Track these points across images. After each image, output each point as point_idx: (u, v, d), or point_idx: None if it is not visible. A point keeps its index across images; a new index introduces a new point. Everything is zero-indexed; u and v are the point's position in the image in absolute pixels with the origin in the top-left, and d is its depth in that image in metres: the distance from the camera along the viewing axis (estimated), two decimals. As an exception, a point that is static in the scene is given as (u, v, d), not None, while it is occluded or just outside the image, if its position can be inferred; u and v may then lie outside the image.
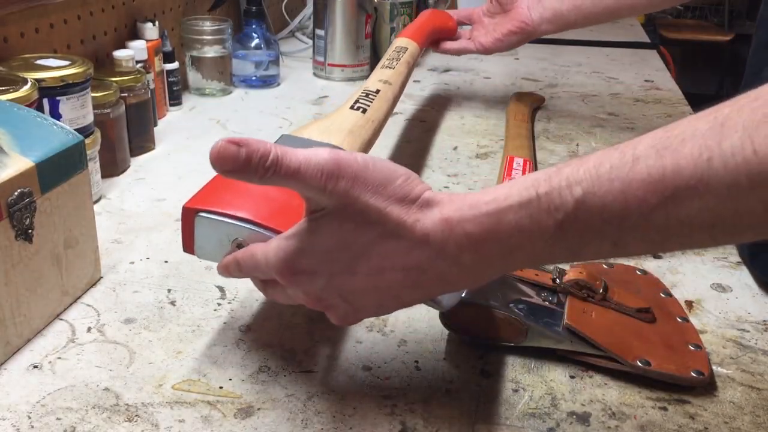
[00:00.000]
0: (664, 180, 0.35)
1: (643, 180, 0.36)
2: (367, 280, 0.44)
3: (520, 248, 0.41)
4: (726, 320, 0.64)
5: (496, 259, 0.42)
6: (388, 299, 0.46)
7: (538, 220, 0.39)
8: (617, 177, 0.37)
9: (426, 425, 0.50)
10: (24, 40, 0.87)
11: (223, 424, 0.50)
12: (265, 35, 1.29)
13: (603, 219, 0.37)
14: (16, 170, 0.54)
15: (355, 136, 0.69)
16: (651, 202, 0.35)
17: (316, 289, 0.46)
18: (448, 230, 0.41)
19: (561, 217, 0.38)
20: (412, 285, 0.44)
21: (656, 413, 0.52)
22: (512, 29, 1.04)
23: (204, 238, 0.53)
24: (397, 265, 0.43)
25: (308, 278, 0.45)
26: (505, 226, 0.40)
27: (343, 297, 0.46)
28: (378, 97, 0.78)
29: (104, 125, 0.84)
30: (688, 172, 0.34)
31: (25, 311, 0.56)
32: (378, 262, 0.44)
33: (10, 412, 0.50)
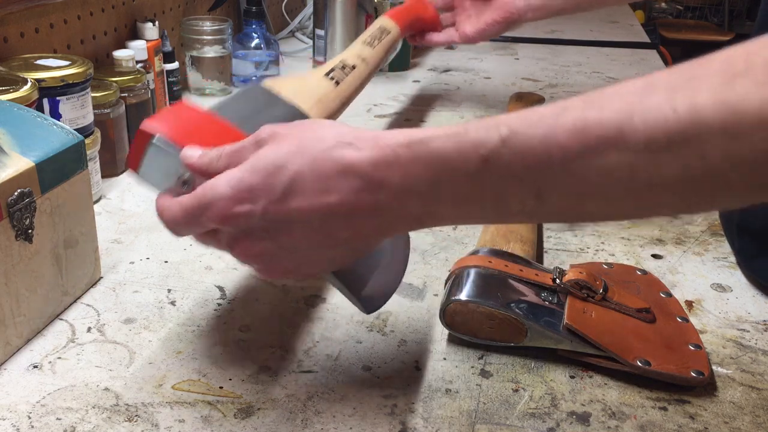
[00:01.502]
0: (585, 129, 0.36)
1: (566, 128, 0.37)
2: (299, 213, 0.43)
3: (446, 182, 0.41)
4: (726, 320, 0.64)
5: (423, 187, 0.41)
6: (316, 240, 0.45)
7: (463, 151, 0.40)
8: (543, 123, 0.38)
9: (426, 425, 0.50)
10: (24, 40, 0.87)
11: (223, 424, 0.50)
12: (265, 35, 1.29)
13: (525, 164, 0.38)
14: (16, 170, 0.54)
15: (323, 106, 0.71)
16: (572, 150, 0.36)
17: (252, 224, 0.45)
18: (378, 149, 0.42)
19: (485, 153, 0.39)
20: (344, 216, 0.43)
21: (656, 413, 0.52)
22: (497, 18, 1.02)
23: (152, 164, 0.52)
24: (331, 188, 0.43)
25: (246, 214, 0.44)
26: (431, 150, 0.41)
27: (274, 235, 0.45)
28: (353, 74, 0.79)
29: (104, 125, 0.84)
30: (609, 124, 0.35)
31: (25, 311, 0.57)
32: (311, 187, 0.43)
33: (10, 412, 0.50)
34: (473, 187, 0.40)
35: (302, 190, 0.43)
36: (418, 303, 0.65)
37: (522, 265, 0.62)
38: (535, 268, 0.62)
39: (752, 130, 0.32)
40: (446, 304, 0.58)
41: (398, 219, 0.43)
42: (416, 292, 0.67)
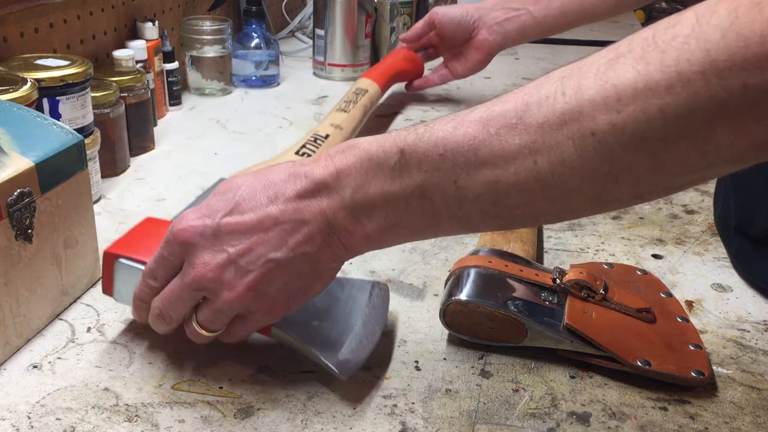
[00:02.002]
0: (490, 119, 0.41)
1: (473, 120, 0.42)
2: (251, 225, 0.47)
3: (373, 176, 0.45)
4: (726, 320, 0.64)
5: (356, 183, 0.45)
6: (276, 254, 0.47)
7: (386, 148, 0.45)
8: (455, 119, 0.43)
9: (426, 425, 0.50)
10: (24, 39, 0.87)
11: (223, 424, 0.50)
12: (265, 35, 1.29)
13: (439, 152, 0.43)
14: (15, 170, 0.54)
15: None
16: (479, 137, 0.41)
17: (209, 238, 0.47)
18: (319, 157, 0.47)
19: (402, 146, 0.44)
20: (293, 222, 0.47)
21: (656, 413, 0.52)
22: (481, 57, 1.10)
23: (122, 282, 0.56)
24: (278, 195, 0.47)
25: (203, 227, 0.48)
26: (361, 150, 0.46)
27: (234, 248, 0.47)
28: (325, 144, 0.81)
29: (104, 125, 0.84)
30: (510, 113, 0.40)
31: (24, 311, 0.56)
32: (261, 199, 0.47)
33: (9, 412, 0.50)
34: (396, 180, 0.44)
35: (253, 203, 0.47)
36: (418, 303, 0.65)
37: (522, 265, 0.62)
38: (536, 268, 0.62)
39: (629, 101, 0.36)
40: (446, 304, 0.58)
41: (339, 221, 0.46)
42: (416, 292, 0.67)
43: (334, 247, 0.47)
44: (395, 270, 0.70)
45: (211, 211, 0.48)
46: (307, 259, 0.47)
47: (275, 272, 0.47)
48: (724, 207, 0.76)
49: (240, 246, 0.47)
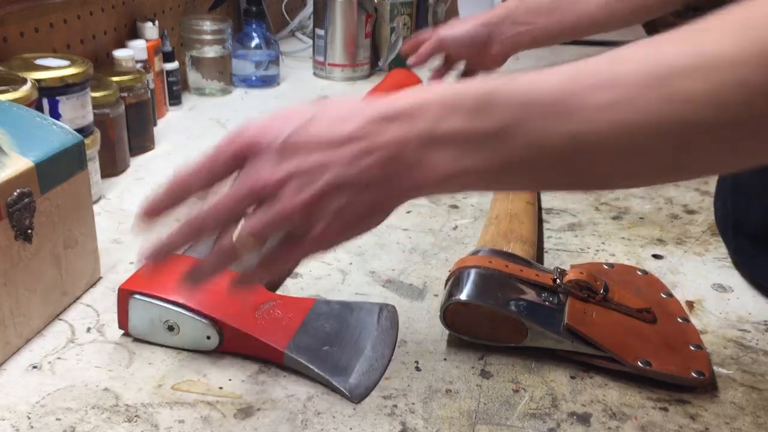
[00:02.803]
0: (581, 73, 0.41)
1: (564, 72, 0.41)
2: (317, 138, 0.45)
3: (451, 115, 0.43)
4: (727, 320, 0.64)
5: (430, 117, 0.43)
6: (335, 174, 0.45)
7: (466, 87, 0.43)
8: (542, 71, 0.42)
9: (426, 425, 0.50)
10: (24, 39, 0.87)
11: (223, 425, 0.50)
12: (265, 35, 1.29)
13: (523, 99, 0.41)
14: (15, 170, 0.54)
15: None
16: (568, 88, 0.41)
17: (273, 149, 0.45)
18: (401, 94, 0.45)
19: (485, 88, 0.42)
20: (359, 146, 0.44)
21: (657, 414, 0.52)
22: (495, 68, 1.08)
23: (137, 317, 0.57)
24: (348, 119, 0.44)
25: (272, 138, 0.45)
26: (439, 89, 0.44)
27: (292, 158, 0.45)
28: None
29: (104, 125, 0.84)
30: (603, 70, 0.41)
31: (24, 311, 0.56)
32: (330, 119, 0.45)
33: (9, 412, 0.50)
34: (475, 120, 0.42)
35: (328, 118, 0.45)
36: (418, 303, 0.65)
37: (522, 265, 0.62)
38: (536, 269, 0.62)
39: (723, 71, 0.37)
40: (446, 304, 0.58)
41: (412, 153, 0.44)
42: (416, 293, 0.67)
43: (401, 179, 0.44)
44: (395, 270, 0.70)
45: (283, 121, 0.45)
46: (372, 188, 0.44)
47: (337, 194, 0.44)
48: (723, 206, 0.76)
49: (307, 160, 0.44)
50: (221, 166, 0.47)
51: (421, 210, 0.83)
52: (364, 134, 0.44)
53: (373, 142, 0.44)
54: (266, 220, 0.45)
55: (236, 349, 0.56)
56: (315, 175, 0.44)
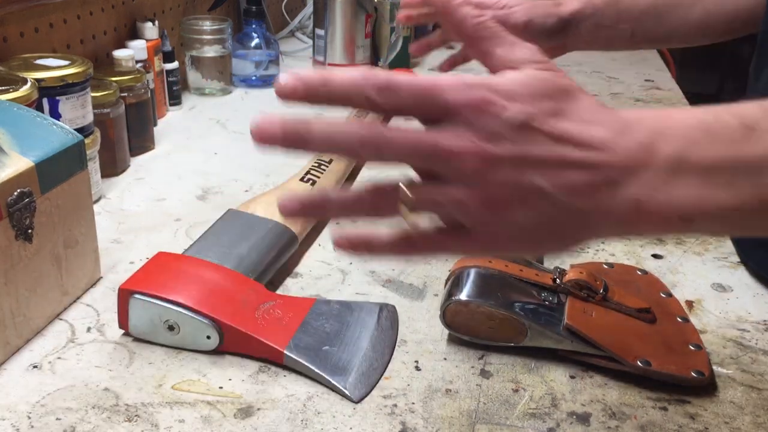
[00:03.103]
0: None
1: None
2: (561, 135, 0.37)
3: (706, 140, 0.37)
4: (726, 320, 0.64)
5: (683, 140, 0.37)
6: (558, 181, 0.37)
7: (721, 119, 0.37)
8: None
9: (426, 425, 0.50)
10: (24, 39, 0.87)
11: (223, 424, 0.50)
12: (265, 35, 1.29)
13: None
14: (15, 170, 0.54)
15: None
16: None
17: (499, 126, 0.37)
18: (645, 110, 0.39)
19: (742, 113, 0.37)
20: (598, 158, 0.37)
21: (656, 413, 0.52)
22: None
23: (137, 317, 0.57)
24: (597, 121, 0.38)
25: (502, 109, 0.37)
26: (689, 113, 0.39)
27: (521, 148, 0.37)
28: (329, 169, 0.82)
29: (104, 125, 0.84)
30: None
31: (25, 311, 0.56)
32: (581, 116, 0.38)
33: (10, 412, 0.50)
34: (740, 145, 0.36)
35: (573, 115, 0.38)
36: (418, 303, 0.65)
37: (522, 265, 0.62)
38: (535, 268, 0.62)
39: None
40: (446, 304, 0.58)
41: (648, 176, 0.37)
42: (416, 292, 0.67)
43: (611, 211, 0.37)
44: (395, 270, 0.70)
45: (533, 96, 0.37)
46: (574, 214, 0.37)
47: (534, 206, 0.37)
48: None
49: (533, 152, 0.37)
50: (419, 101, 0.38)
51: (421, 210, 0.83)
52: (604, 146, 0.37)
53: (607, 158, 0.37)
54: (438, 197, 0.38)
55: (236, 349, 0.56)
56: (531, 171, 0.37)
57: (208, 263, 0.61)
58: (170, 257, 0.62)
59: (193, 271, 0.59)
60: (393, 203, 0.39)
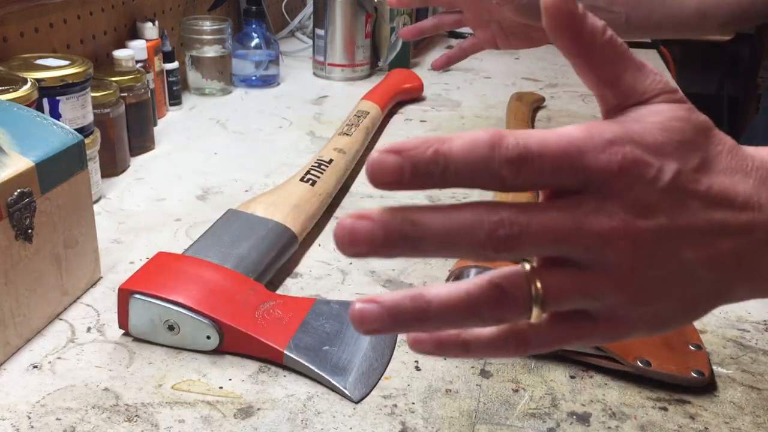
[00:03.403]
0: None
1: None
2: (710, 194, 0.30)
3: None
4: (726, 320, 0.64)
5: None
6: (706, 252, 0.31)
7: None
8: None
9: (426, 425, 0.50)
10: (24, 39, 0.87)
11: (223, 424, 0.50)
12: (265, 35, 1.29)
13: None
14: (15, 170, 0.54)
15: (300, 210, 0.73)
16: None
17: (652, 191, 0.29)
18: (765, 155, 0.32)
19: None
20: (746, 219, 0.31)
21: (656, 413, 0.52)
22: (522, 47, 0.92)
23: (137, 317, 0.57)
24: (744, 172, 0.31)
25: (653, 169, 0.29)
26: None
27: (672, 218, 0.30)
28: (329, 169, 0.83)
29: (104, 125, 0.84)
30: None
31: (24, 311, 0.56)
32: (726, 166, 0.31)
33: (9, 412, 0.50)
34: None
35: (718, 166, 0.31)
36: (418, 303, 0.65)
37: (522, 265, 0.62)
38: (536, 268, 0.62)
39: None
40: (446, 304, 0.58)
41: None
42: (416, 292, 0.67)
43: (752, 276, 0.32)
44: (395, 270, 0.70)
45: (679, 146, 0.30)
46: (716, 284, 0.31)
47: (676, 284, 0.31)
48: None
49: (682, 222, 0.30)
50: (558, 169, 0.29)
51: (421, 210, 0.83)
52: (754, 203, 0.31)
53: (760, 217, 0.31)
54: (577, 285, 0.30)
55: (236, 349, 0.56)
56: (679, 243, 0.30)
57: (208, 263, 0.61)
58: (170, 257, 0.62)
59: (193, 271, 0.59)
60: (522, 301, 0.30)
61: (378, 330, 0.30)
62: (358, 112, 1.01)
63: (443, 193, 0.84)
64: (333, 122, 1.10)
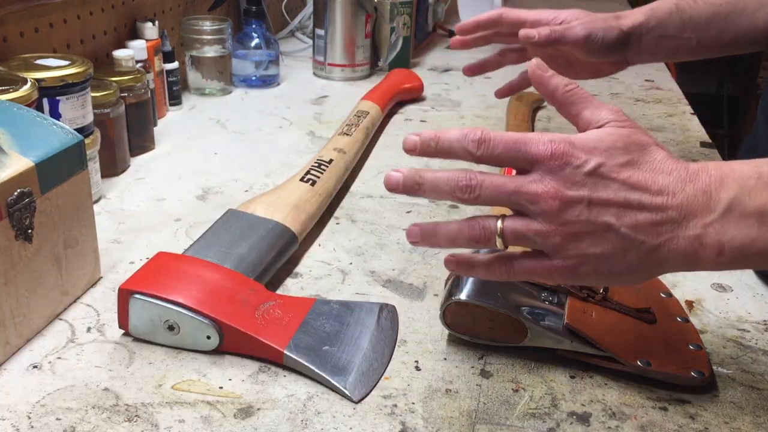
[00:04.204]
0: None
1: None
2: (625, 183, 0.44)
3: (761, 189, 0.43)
4: (726, 320, 0.64)
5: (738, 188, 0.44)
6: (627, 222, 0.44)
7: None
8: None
9: (426, 425, 0.50)
10: (24, 39, 0.87)
11: (223, 424, 0.50)
12: (265, 35, 1.29)
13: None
14: (16, 170, 0.54)
15: (299, 210, 0.73)
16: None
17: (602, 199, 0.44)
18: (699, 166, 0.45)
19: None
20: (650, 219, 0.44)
21: (656, 413, 0.52)
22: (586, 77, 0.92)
23: (137, 317, 0.57)
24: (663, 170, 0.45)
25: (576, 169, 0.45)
26: (745, 165, 0.45)
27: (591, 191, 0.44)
28: (329, 169, 0.83)
29: (104, 125, 0.84)
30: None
31: (24, 311, 0.56)
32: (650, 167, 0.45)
33: (9, 412, 0.50)
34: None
35: (654, 165, 0.45)
36: (418, 303, 0.65)
37: (522, 265, 0.62)
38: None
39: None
40: (446, 304, 0.58)
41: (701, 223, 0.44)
42: (416, 292, 0.67)
43: (675, 247, 0.44)
44: (395, 270, 0.70)
45: (608, 149, 0.45)
46: (641, 247, 0.45)
47: (605, 240, 0.45)
48: None
49: (602, 196, 0.44)
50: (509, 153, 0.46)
51: (420, 210, 0.83)
52: (668, 192, 0.44)
53: (671, 201, 0.44)
54: (524, 230, 0.46)
55: (236, 349, 0.56)
56: (597, 214, 0.44)
57: (208, 263, 0.61)
58: (170, 257, 0.62)
59: (193, 271, 0.59)
60: (490, 235, 0.47)
61: (415, 242, 0.50)
62: (358, 112, 1.01)
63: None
64: (333, 122, 1.10)
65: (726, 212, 0.43)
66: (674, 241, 0.44)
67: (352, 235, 0.77)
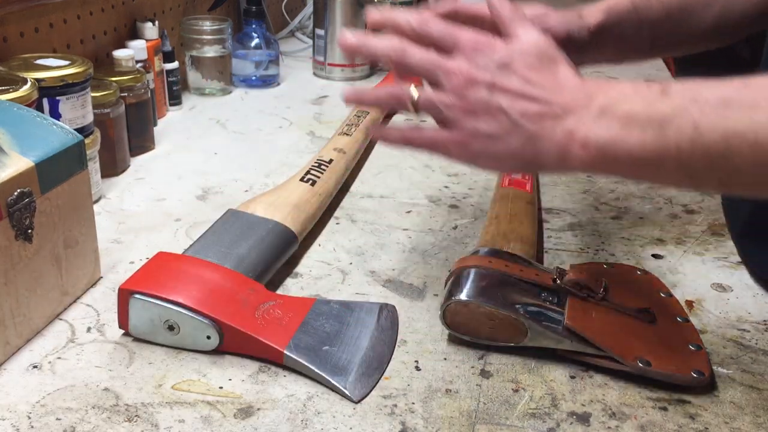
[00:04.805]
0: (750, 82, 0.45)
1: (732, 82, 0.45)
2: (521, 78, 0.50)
3: (629, 98, 0.47)
4: (726, 320, 0.64)
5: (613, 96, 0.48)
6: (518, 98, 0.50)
7: (650, 85, 0.47)
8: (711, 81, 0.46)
9: (426, 425, 0.50)
10: (24, 39, 0.87)
11: (223, 424, 0.50)
12: (265, 35, 1.29)
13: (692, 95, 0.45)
14: (16, 170, 0.54)
15: (299, 210, 0.73)
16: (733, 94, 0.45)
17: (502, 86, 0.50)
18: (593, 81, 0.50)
19: (665, 88, 0.47)
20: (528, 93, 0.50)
21: (656, 413, 0.52)
22: None
23: (137, 317, 0.57)
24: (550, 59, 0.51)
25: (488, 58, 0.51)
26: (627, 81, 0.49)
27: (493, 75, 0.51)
28: (329, 168, 0.83)
29: (104, 125, 0.84)
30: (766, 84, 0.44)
31: (24, 311, 0.56)
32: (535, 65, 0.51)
33: (9, 412, 0.50)
34: (648, 106, 0.46)
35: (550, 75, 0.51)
36: (418, 303, 0.65)
37: (522, 265, 0.62)
38: (536, 268, 0.62)
39: None
40: (446, 304, 0.58)
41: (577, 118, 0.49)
42: (416, 292, 0.67)
43: (551, 138, 0.49)
44: (395, 270, 0.70)
45: (523, 53, 0.51)
46: (524, 133, 0.50)
47: (496, 121, 0.50)
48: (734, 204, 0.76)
49: (504, 83, 0.50)
50: (441, 33, 0.54)
51: (420, 210, 0.83)
52: (556, 91, 0.50)
53: (556, 98, 0.49)
54: (439, 99, 0.52)
55: (236, 349, 0.56)
56: (500, 96, 0.50)
57: (208, 263, 0.61)
58: (170, 257, 0.62)
59: (193, 271, 0.59)
60: (404, 99, 0.54)
61: (348, 99, 0.59)
62: (358, 112, 1.01)
63: (443, 193, 0.84)
64: (333, 122, 1.10)
65: (600, 113, 0.47)
66: (552, 132, 0.49)
67: (352, 235, 0.77)
